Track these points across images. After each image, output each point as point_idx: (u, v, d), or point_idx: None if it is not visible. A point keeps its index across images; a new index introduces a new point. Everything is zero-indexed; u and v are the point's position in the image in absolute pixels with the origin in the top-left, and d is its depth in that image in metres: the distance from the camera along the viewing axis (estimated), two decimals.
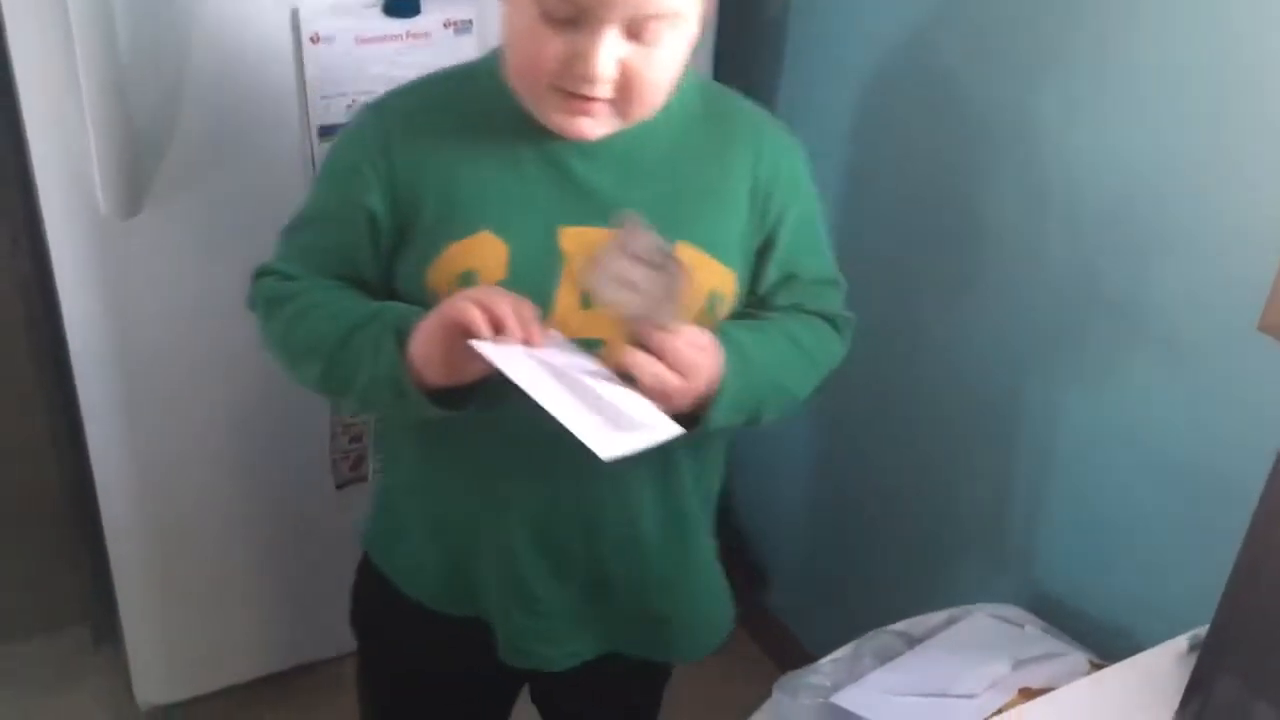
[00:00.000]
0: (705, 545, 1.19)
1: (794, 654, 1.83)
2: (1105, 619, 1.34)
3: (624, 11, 0.88)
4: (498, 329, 0.89)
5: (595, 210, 0.98)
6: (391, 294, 1.04)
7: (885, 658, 1.23)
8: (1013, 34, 1.37)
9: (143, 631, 1.74)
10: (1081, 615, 1.36)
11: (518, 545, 1.09)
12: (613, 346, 0.96)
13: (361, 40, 1.42)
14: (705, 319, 1.01)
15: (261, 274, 1.09)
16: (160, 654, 1.77)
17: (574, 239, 0.98)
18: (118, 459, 1.59)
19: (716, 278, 1.02)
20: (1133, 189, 1.24)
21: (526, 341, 0.90)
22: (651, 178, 1.01)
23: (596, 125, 0.96)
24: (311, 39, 1.40)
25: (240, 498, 1.62)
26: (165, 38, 1.35)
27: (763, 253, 1.07)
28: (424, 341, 0.94)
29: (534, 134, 0.98)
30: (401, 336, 0.95)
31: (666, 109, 1.02)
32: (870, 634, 1.26)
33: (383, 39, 1.42)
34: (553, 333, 0.95)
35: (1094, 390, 1.34)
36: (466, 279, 0.97)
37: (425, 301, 0.98)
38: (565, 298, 0.98)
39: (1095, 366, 1.33)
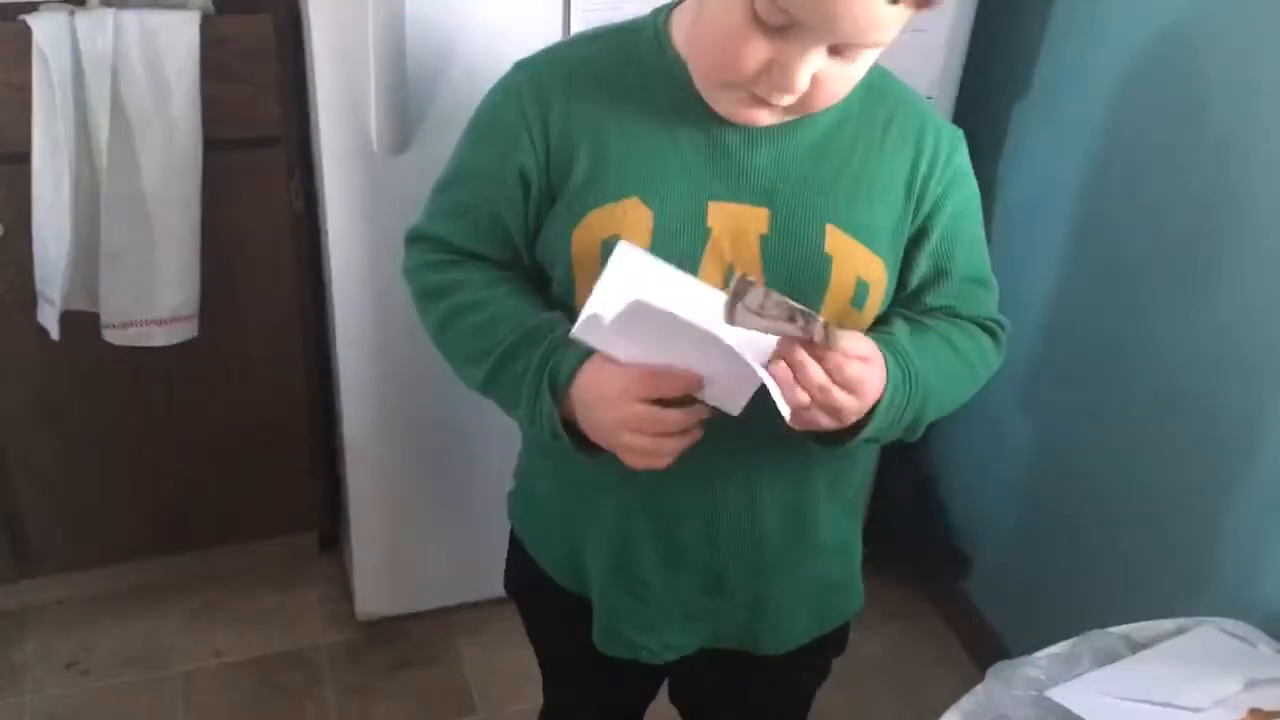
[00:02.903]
0: (833, 530, 1.13)
1: (993, 649, 1.80)
2: None
3: (840, 36, 0.85)
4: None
5: (746, 188, 0.96)
6: (534, 253, 1.03)
7: (1105, 660, 1.19)
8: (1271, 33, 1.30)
9: (369, 545, 1.84)
10: None
11: (635, 527, 1.07)
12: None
13: None
14: (852, 310, 0.98)
15: (414, 239, 1.08)
16: (382, 568, 1.87)
17: (721, 215, 0.96)
18: (364, 381, 1.69)
19: (864, 265, 0.98)
20: None
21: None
22: (806, 160, 0.98)
23: (769, 116, 0.93)
24: None
25: (479, 428, 1.67)
26: None
27: (915, 243, 1.02)
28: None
29: (693, 105, 0.96)
30: (555, 382, 0.95)
31: None
32: (1090, 634, 1.21)
33: None
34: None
35: None
36: (610, 244, 0.95)
37: (568, 263, 0.98)
38: (708, 274, 0.96)
39: None
